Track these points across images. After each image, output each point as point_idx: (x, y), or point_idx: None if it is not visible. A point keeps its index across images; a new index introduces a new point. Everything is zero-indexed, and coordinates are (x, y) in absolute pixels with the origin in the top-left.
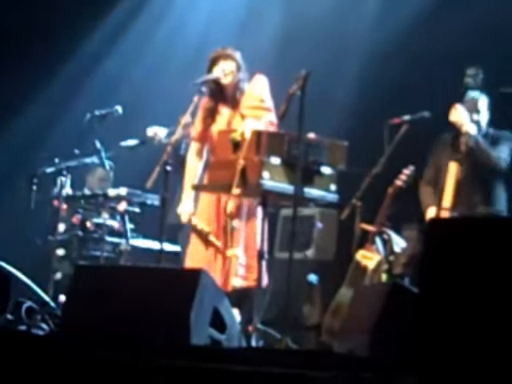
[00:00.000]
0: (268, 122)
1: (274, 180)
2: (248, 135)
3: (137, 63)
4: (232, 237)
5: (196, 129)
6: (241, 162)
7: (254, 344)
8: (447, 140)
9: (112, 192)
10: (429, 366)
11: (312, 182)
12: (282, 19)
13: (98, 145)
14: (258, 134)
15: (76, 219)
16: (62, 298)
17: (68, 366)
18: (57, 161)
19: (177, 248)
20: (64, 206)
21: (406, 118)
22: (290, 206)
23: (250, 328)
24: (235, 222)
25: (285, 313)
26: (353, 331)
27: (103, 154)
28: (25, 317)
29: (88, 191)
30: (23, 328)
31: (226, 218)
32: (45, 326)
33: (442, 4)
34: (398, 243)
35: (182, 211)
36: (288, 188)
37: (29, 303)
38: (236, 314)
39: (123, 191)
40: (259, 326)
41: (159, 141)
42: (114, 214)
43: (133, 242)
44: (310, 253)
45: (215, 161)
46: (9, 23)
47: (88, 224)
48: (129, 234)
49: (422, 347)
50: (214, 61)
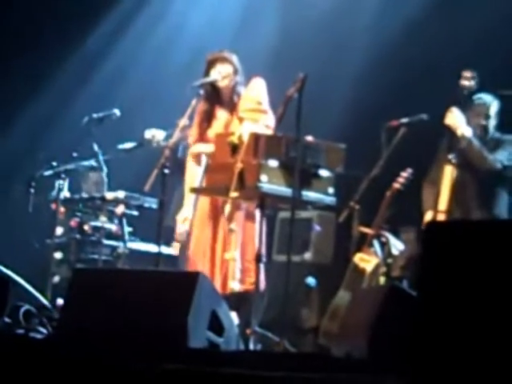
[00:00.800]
0: (266, 124)
1: (271, 183)
2: (246, 138)
3: (134, 66)
4: (230, 240)
5: (193, 133)
6: (239, 165)
7: (252, 347)
8: (446, 143)
9: (110, 195)
10: (426, 369)
11: (310, 184)
12: (279, 22)
13: (95, 148)
14: (255, 137)
15: (74, 222)
16: (60, 302)
17: (66, 370)
18: (55, 164)
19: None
20: (62, 209)
21: (404, 120)
22: (287, 208)
23: (248, 331)
24: (233, 225)
25: (283, 316)
26: (351, 334)
27: (101, 157)
28: (23, 320)
29: (86, 194)
30: (21, 331)
31: (223, 221)
32: (43, 330)
33: (440, 7)
34: (396, 246)
35: (179, 216)
36: (286, 191)
37: (27, 307)
38: (234, 317)
39: (121, 194)
40: (257, 329)
41: (157, 143)
42: (111, 217)
43: (131, 245)
44: (308, 256)
45: (213, 164)
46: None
47: (86, 227)
48: (127, 237)
49: (420, 350)
50: (211, 63)
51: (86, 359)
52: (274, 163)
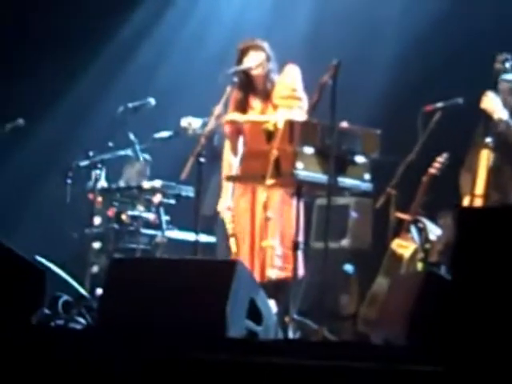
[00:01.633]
0: (302, 109)
1: (307, 170)
2: (281, 125)
3: (168, 54)
4: (267, 228)
5: (228, 125)
6: (274, 153)
7: (290, 335)
8: (482, 127)
9: (147, 184)
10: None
11: (346, 171)
12: (312, 8)
13: (131, 137)
14: (290, 124)
15: (111, 212)
16: (99, 292)
17: (106, 360)
18: (91, 154)
19: (212, 239)
20: (99, 199)
21: (440, 105)
22: (324, 195)
23: (287, 319)
24: (269, 213)
25: (321, 303)
26: (389, 321)
27: (137, 147)
28: (62, 311)
29: (123, 184)
30: (60, 322)
31: (260, 209)
32: (82, 320)
33: None
34: (433, 231)
35: (220, 208)
36: (322, 178)
37: (65, 297)
38: (272, 305)
39: (158, 183)
40: (296, 316)
41: (193, 131)
42: (149, 206)
43: (168, 233)
44: (346, 242)
45: (248, 151)
46: (39, 20)
47: (123, 217)
48: (164, 226)
49: (454, 336)
50: (244, 51)
51: (125, 350)
52: (309, 150)
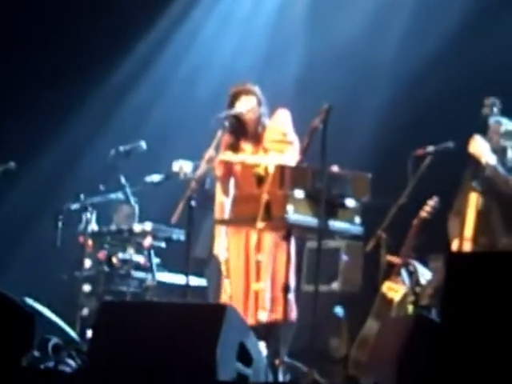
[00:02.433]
0: (293, 155)
1: (298, 213)
2: (271, 169)
3: (160, 98)
4: (257, 270)
5: (219, 167)
6: (265, 196)
7: (281, 377)
8: (471, 171)
9: (137, 227)
10: None
11: (336, 214)
12: (303, 53)
13: (122, 180)
14: (281, 169)
15: (102, 255)
16: (89, 334)
17: None
18: (82, 197)
19: (203, 282)
20: (90, 241)
21: (430, 149)
22: (314, 238)
23: (277, 361)
24: (260, 256)
25: (311, 346)
26: (379, 364)
27: (128, 190)
28: (51, 353)
29: (114, 227)
30: (50, 365)
31: (249, 252)
32: (72, 363)
33: (464, 36)
34: (424, 275)
35: (217, 251)
36: (312, 221)
37: (55, 340)
38: (262, 347)
39: (148, 226)
40: (286, 359)
41: (184, 175)
42: (139, 249)
43: (159, 276)
44: (336, 285)
45: (239, 195)
46: (32, 56)
47: (114, 260)
48: (155, 269)
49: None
50: (235, 96)
51: None
52: (300, 194)
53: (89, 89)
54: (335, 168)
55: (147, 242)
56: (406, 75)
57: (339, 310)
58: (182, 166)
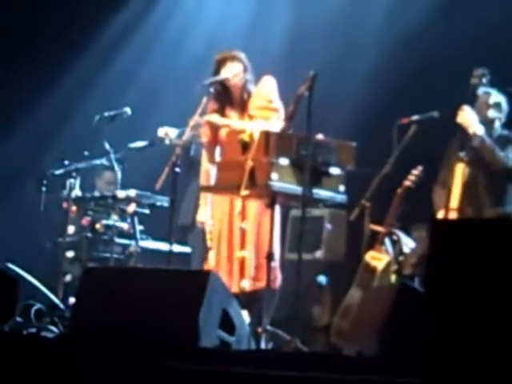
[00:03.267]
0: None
1: (282, 181)
2: (257, 136)
3: (145, 64)
4: (242, 238)
5: (205, 133)
6: (249, 163)
7: (263, 346)
8: (458, 141)
9: (121, 194)
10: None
11: (321, 182)
12: (289, 20)
13: (107, 146)
14: (266, 135)
15: (85, 221)
16: (72, 301)
17: (78, 369)
18: (66, 163)
19: (186, 249)
20: (73, 207)
21: (415, 118)
22: (299, 206)
23: (260, 329)
24: (244, 224)
25: (294, 314)
26: (362, 332)
27: (112, 156)
28: (34, 319)
29: (97, 193)
30: (33, 331)
31: (233, 220)
32: (54, 329)
33: (454, 3)
34: (408, 244)
35: (202, 218)
36: (297, 189)
37: (38, 306)
38: (245, 315)
39: (132, 193)
40: (268, 327)
41: (170, 141)
42: (123, 215)
43: (142, 243)
44: (320, 254)
45: (224, 161)
46: (16, 24)
47: (97, 226)
48: (138, 236)
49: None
50: (221, 62)
51: (97, 358)
52: (284, 161)
53: (73, 54)
54: (320, 136)
55: (131, 208)
56: (392, 43)
57: (322, 279)
58: (168, 132)
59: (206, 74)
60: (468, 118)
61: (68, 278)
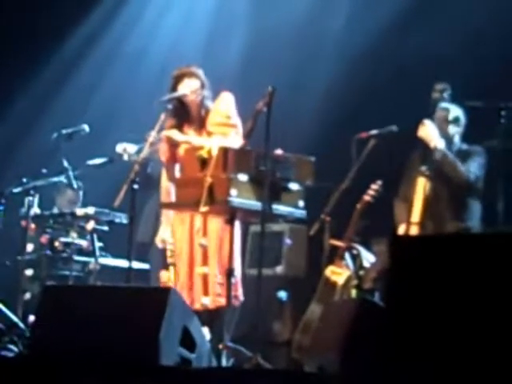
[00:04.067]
0: (238, 135)
1: (241, 197)
2: (215, 152)
3: (103, 82)
4: (204, 255)
5: (163, 152)
6: (208, 180)
7: (224, 362)
8: (419, 156)
9: (80, 211)
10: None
11: (280, 198)
12: (248, 35)
13: (65, 164)
14: (224, 151)
15: (44, 239)
16: (32, 319)
17: None
18: (24, 180)
19: (146, 266)
20: (32, 225)
21: (374, 132)
22: (258, 222)
23: (221, 346)
24: (203, 240)
25: (255, 330)
26: (323, 348)
27: (71, 173)
28: None
29: (56, 211)
30: None
31: (192, 236)
32: (14, 348)
33: (411, 18)
34: (368, 258)
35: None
36: (256, 205)
37: None
38: (206, 332)
39: (91, 210)
40: (229, 343)
41: (128, 157)
42: (82, 233)
43: (102, 260)
44: (280, 269)
45: (182, 178)
46: None
47: (56, 243)
48: (97, 253)
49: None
50: (179, 78)
51: (58, 377)
52: (243, 177)
53: (31, 71)
54: (279, 151)
55: (90, 225)
56: (351, 57)
57: (283, 294)
58: (126, 148)
59: (165, 90)
60: (429, 131)
61: (27, 296)
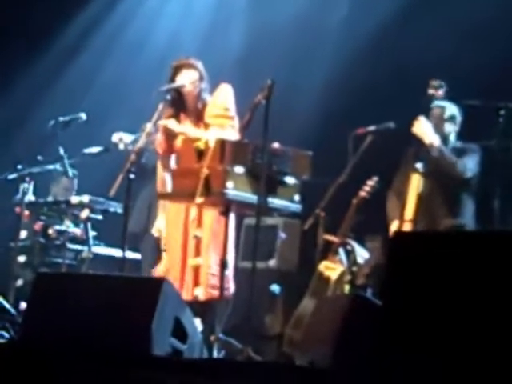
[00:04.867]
0: (233, 128)
1: (237, 189)
2: (212, 144)
3: (101, 70)
4: (197, 246)
5: (160, 144)
6: (204, 171)
7: (215, 354)
8: (414, 152)
9: (75, 199)
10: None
11: (276, 191)
12: (247, 28)
13: (61, 151)
14: (221, 143)
15: (38, 226)
16: (23, 305)
17: (28, 374)
18: (20, 167)
19: (138, 256)
20: (26, 212)
21: (371, 128)
22: (253, 215)
23: (212, 338)
24: (198, 232)
25: (247, 323)
26: (314, 343)
27: (66, 161)
28: None
29: (51, 198)
30: None
31: (187, 227)
32: (5, 334)
33: (409, 14)
34: (361, 254)
35: (158, 227)
36: (252, 197)
37: None
38: (198, 323)
39: (86, 199)
40: (221, 335)
41: (124, 146)
42: (76, 221)
43: (95, 249)
44: (273, 263)
45: (179, 169)
46: None
47: (50, 231)
48: (91, 242)
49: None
50: (177, 69)
51: (48, 364)
52: (240, 170)
53: (28, 60)
54: (276, 145)
55: (84, 214)
56: (349, 53)
57: (275, 288)
58: (122, 138)
59: (163, 81)
60: (424, 128)
61: (19, 282)
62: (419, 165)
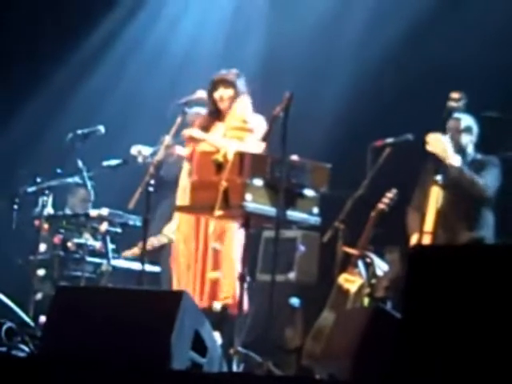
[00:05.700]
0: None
1: (256, 202)
2: (230, 156)
3: (120, 82)
4: (215, 259)
5: (187, 138)
6: (223, 184)
7: (235, 367)
8: (433, 165)
9: (94, 212)
10: None
11: (294, 204)
12: (266, 39)
13: (80, 164)
14: (240, 156)
15: (57, 239)
16: (43, 319)
17: None
18: (39, 180)
19: (158, 269)
20: (45, 225)
21: (389, 140)
22: (272, 228)
23: (232, 351)
24: (217, 244)
25: (266, 336)
26: (334, 355)
27: (85, 174)
28: (4, 338)
29: (69, 211)
30: (3, 349)
31: (206, 240)
32: (25, 348)
33: (430, 25)
34: (381, 267)
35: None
36: (270, 210)
37: (9, 324)
38: (217, 336)
39: (105, 212)
40: (240, 349)
41: (143, 159)
42: (95, 234)
43: (114, 262)
44: (292, 275)
45: (197, 181)
46: None
47: (69, 244)
48: (110, 255)
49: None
50: (215, 85)
51: (68, 378)
52: (258, 182)
53: (47, 72)
54: (295, 157)
55: (103, 227)
56: (368, 65)
57: (295, 301)
58: (141, 150)
59: (181, 93)
60: (442, 147)
61: (39, 296)
62: (439, 177)
